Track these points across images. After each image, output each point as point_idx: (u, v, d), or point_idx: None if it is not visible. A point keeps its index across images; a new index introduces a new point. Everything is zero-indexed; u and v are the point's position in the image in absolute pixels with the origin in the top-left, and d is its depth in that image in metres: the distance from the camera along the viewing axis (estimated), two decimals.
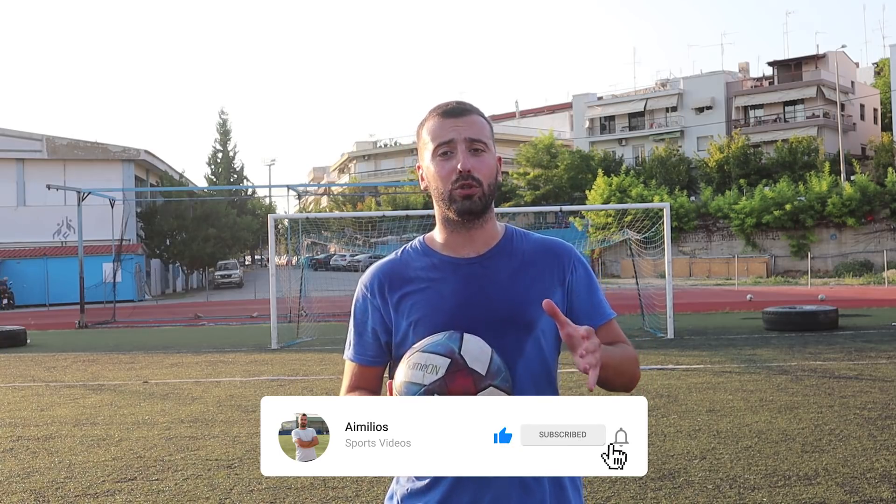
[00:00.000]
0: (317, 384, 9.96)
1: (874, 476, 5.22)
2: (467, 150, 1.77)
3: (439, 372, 1.56)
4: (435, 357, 1.59)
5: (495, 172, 1.82)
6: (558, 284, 1.83)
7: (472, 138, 1.77)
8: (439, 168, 1.78)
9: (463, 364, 1.57)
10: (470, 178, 1.76)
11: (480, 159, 1.78)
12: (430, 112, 1.83)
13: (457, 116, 1.79)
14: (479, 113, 1.83)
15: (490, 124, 1.86)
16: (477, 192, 1.77)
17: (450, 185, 1.77)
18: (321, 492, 5.23)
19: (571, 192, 50.96)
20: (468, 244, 1.84)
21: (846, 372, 9.56)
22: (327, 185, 59.15)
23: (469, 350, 1.59)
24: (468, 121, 1.79)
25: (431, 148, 1.80)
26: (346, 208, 58.68)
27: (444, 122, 1.79)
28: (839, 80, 47.72)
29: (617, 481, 5.24)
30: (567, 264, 1.85)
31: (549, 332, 1.81)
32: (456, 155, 1.77)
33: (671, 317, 14.70)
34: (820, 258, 37.35)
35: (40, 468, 6.08)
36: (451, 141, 1.77)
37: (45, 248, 36.74)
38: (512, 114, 76.91)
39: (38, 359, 14.03)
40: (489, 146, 1.80)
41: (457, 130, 1.78)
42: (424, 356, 1.60)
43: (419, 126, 1.86)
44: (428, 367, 1.58)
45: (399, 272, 1.87)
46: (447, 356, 1.58)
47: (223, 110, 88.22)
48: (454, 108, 1.81)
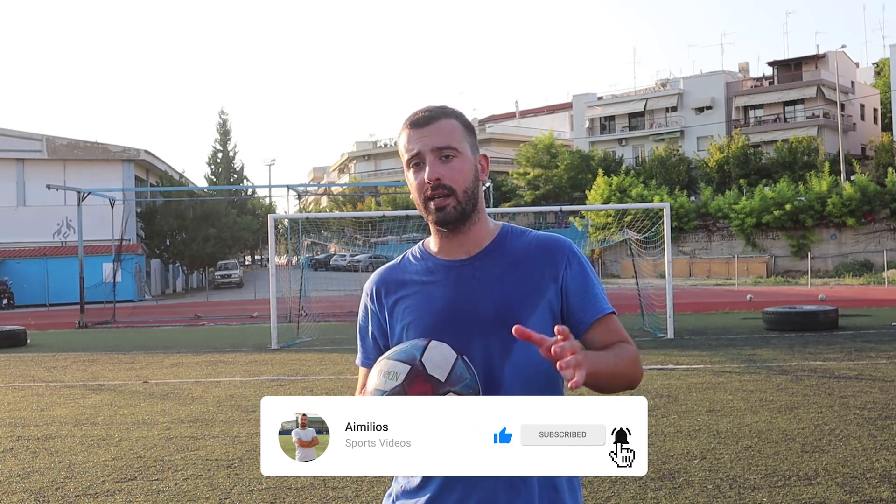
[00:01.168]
0: (317, 384, 9.96)
1: (874, 476, 5.22)
2: (436, 159, 1.77)
3: (399, 378, 1.60)
4: (397, 364, 1.63)
5: (472, 175, 1.81)
6: (551, 281, 1.80)
7: (437, 147, 1.77)
8: (414, 180, 1.80)
9: (422, 370, 1.61)
10: (440, 186, 1.76)
11: (450, 165, 1.77)
12: (402, 124, 1.84)
13: (422, 126, 1.79)
14: (450, 114, 1.82)
15: (465, 124, 1.83)
16: (450, 203, 1.77)
17: (423, 196, 1.79)
18: (321, 492, 5.23)
19: (571, 192, 50.98)
20: (459, 247, 1.85)
21: (846, 372, 9.56)
22: (327, 185, 59.15)
23: (431, 357, 1.63)
24: (434, 129, 1.78)
25: (405, 160, 1.82)
26: (346, 208, 58.71)
27: (412, 133, 1.80)
28: (839, 80, 47.73)
29: (617, 481, 5.24)
30: (561, 260, 1.82)
31: (542, 330, 1.78)
32: (425, 166, 1.78)
33: (671, 317, 14.70)
34: (820, 258, 37.36)
35: (40, 468, 6.08)
36: (418, 153, 1.78)
37: (45, 248, 36.75)
38: (512, 114, 76.91)
39: (38, 359, 14.03)
40: (461, 150, 1.79)
41: (422, 141, 1.78)
42: (390, 363, 1.65)
43: (397, 137, 1.87)
44: (390, 374, 1.62)
45: (396, 277, 1.90)
46: (408, 363, 1.62)
47: (223, 110, 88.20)
48: (420, 118, 1.80)
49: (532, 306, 1.78)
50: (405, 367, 1.61)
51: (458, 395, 1.59)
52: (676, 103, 55.67)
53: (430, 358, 1.62)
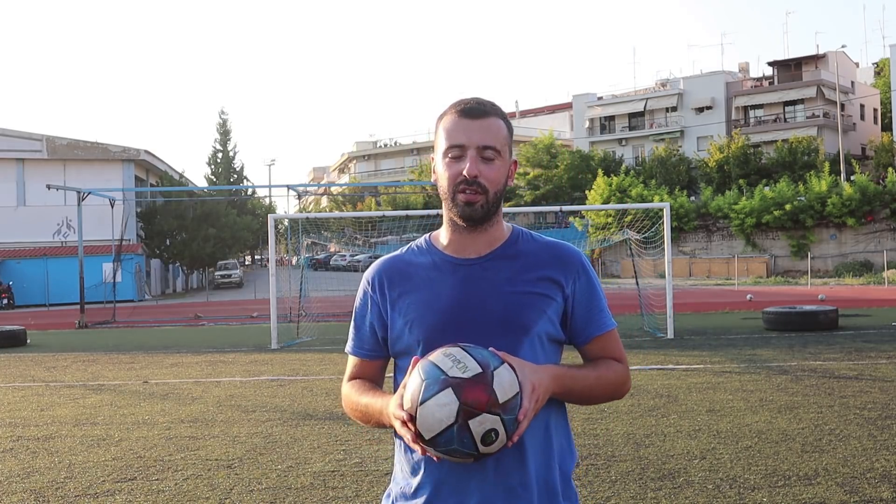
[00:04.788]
0: (317, 384, 9.96)
1: (874, 476, 5.22)
2: (478, 156, 1.75)
3: (466, 372, 1.57)
4: (470, 359, 1.60)
5: (504, 179, 1.80)
6: (558, 291, 1.80)
7: (484, 145, 1.75)
8: (447, 169, 1.77)
9: (489, 381, 1.58)
10: (476, 184, 1.74)
11: (490, 166, 1.76)
12: (450, 107, 1.81)
13: (473, 118, 1.76)
14: (499, 114, 1.80)
15: (509, 126, 1.82)
16: (480, 200, 1.75)
17: (455, 187, 1.76)
18: (321, 492, 5.22)
19: (571, 192, 50.97)
20: (471, 245, 1.83)
21: (846, 372, 9.56)
22: (327, 185, 59.16)
23: (501, 375, 1.60)
24: (484, 125, 1.76)
25: (444, 147, 1.78)
26: (346, 208, 58.71)
27: (460, 122, 1.77)
28: (839, 80, 47.72)
29: (617, 481, 5.24)
30: (570, 272, 1.82)
31: (546, 336, 1.80)
32: (465, 159, 1.75)
33: (671, 317, 14.68)
34: (820, 258, 37.34)
35: (40, 468, 6.08)
36: (462, 145, 1.75)
37: (45, 248, 36.74)
38: (512, 114, 76.87)
39: (38, 359, 14.03)
40: (502, 153, 1.78)
41: (469, 135, 1.75)
42: (462, 353, 1.61)
43: (438, 119, 1.83)
44: (459, 364, 1.59)
45: (401, 269, 1.87)
46: (482, 365, 1.59)
47: (223, 110, 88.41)
48: (472, 107, 1.78)
49: (539, 312, 1.78)
50: (477, 367, 1.58)
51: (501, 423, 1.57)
52: (676, 103, 55.66)
53: (500, 375, 1.60)
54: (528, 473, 1.73)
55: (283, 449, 6.40)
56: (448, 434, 1.55)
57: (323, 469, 5.77)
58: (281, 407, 8.38)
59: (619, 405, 7.55)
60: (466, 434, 1.55)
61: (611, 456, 5.89)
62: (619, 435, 6.54)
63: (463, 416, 1.54)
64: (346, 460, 5.99)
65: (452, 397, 1.55)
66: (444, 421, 1.55)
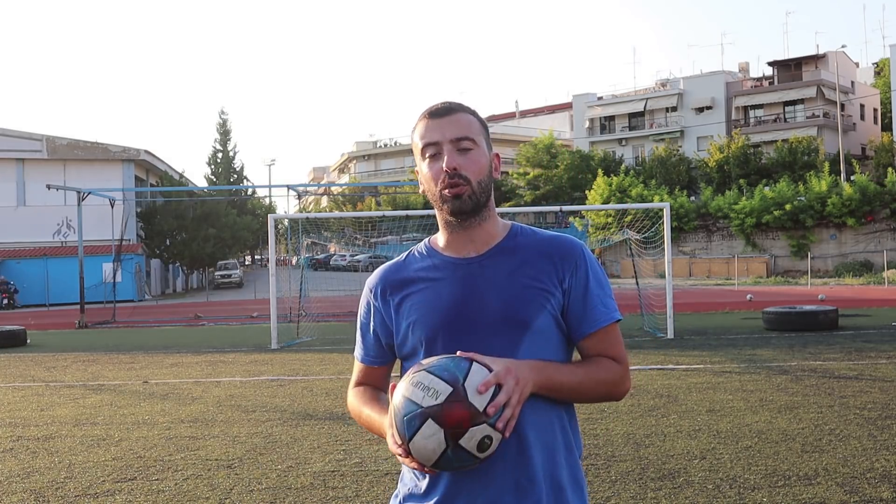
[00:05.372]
0: (317, 384, 9.96)
1: (874, 476, 5.21)
2: (454, 148, 1.77)
3: (439, 398, 1.57)
4: (438, 382, 1.59)
5: (487, 169, 1.81)
6: (557, 284, 1.79)
7: (456, 137, 1.78)
8: (429, 170, 1.80)
9: (463, 396, 1.57)
10: (457, 176, 1.76)
11: (467, 157, 1.78)
12: (420, 115, 1.85)
13: (441, 116, 1.80)
14: (467, 110, 1.83)
15: (480, 121, 1.85)
16: (465, 191, 1.76)
17: (439, 185, 1.78)
18: (321, 492, 5.22)
19: (571, 192, 50.98)
20: (469, 244, 1.83)
21: (846, 372, 9.56)
22: (327, 185, 59.17)
23: (472, 380, 1.59)
24: (453, 119, 1.79)
25: (420, 150, 1.82)
26: (346, 208, 58.70)
27: (430, 122, 1.80)
28: (839, 80, 47.71)
29: (617, 480, 5.24)
30: (569, 265, 1.80)
31: (549, 331, 1.79)
32: (443, 155, 1.78)
33: (671, 317, 14.69)
34: (820, 258, 37.35)
35: (40, 468, 6.08)
36: (436, 142, 1.78)
37: (45, 248, 36.74)
38: (512, 114, 76.91)
39: (38, 359, 14.03)
40: (478, 142, 1.80)
41: (442, 131, 1.78)
42: (429, 377, 1.60)
43: (412, 130, 1.87)
44: (430, 391, 1.58)
45: (402, 275, 1.88)
46: (451, 384, 1.58)
47: (223, 110, 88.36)
48: (439, 108, 1.82)
49: (539, 307, 1.77)
50: (447, 387, 1.57)
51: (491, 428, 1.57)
52: (676, 103, 55.66)
53: (471, 381, 1.58)
54: (535, 468, 1.73)
55: (283, 449, 6.41)
56: (445, 458, 1.57)
57: (323, 469, 5.77)
58: (281, 407, 8.38)
59: (619, 405, 7.54)
60: (461, 452, 1.56)
61: (611, 456, 5.89)
62: (619, 435, 6.54)
63: (452, 439, 1.55)
64: (346, 460, 5.99)
65: (435, 427, 1.55)
66: (437, 450, 1.56)
